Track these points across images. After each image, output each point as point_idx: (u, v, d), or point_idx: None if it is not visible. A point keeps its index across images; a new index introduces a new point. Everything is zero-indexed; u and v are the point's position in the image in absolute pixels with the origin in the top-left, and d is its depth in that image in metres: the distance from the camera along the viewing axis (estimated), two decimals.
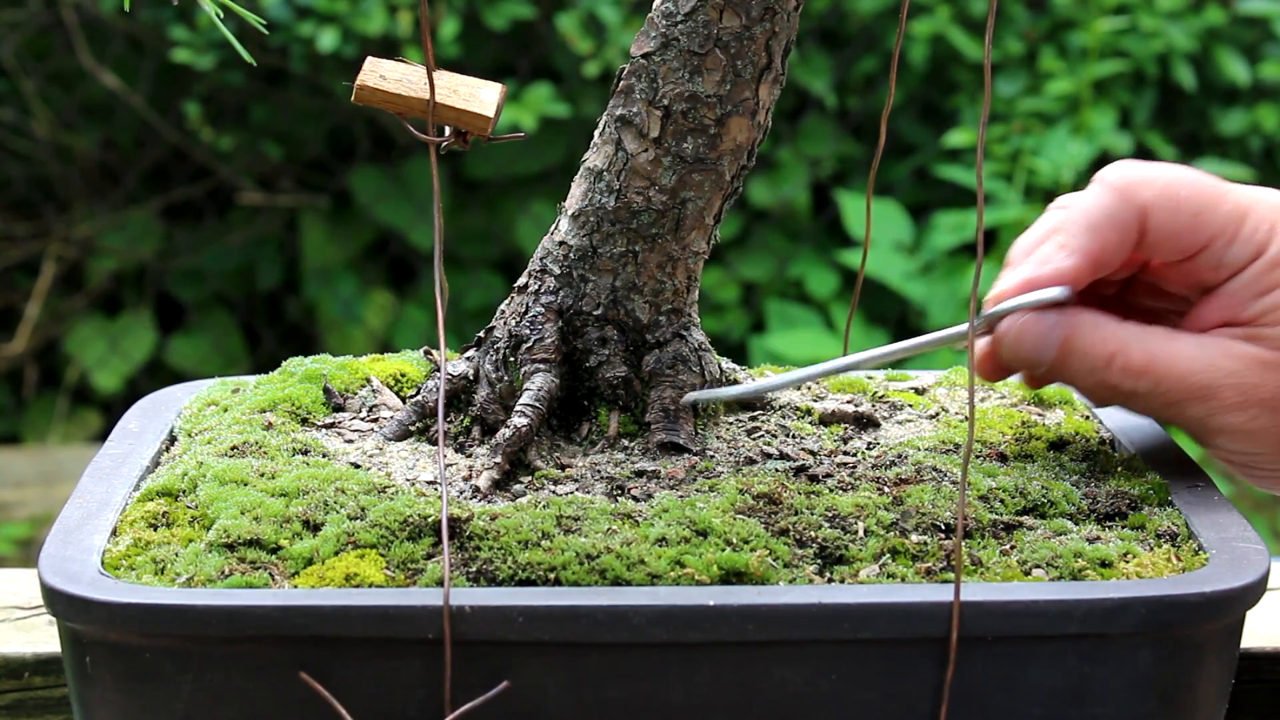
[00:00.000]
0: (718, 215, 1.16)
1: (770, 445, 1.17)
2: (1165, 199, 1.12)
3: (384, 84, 1.04)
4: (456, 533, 1.01)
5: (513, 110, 3.80)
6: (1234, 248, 1.12)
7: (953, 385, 1.29)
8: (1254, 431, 1.13)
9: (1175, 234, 1.13)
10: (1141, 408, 1.14)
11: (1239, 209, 1.13)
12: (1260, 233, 1.12)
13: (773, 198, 4.16)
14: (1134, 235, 1.13)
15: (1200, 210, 1.12)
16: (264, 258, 4.31)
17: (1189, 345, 1.12)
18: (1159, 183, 1.13)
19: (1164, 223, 1.12)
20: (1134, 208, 1.12)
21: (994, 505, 1.08)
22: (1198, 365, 1.11)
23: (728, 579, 0.99)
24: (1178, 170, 1.14)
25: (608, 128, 1.14)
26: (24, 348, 4.29)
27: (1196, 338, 1.13)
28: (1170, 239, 1.13)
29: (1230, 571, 1.00)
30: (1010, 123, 3.86)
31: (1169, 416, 1.14)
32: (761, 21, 1.10)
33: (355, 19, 3.80)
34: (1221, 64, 4.01)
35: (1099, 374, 1.12)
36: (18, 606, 1.27)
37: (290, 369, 1.24)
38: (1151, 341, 1.12)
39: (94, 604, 0.96)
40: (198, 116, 4.04)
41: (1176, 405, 1.12)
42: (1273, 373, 1.11)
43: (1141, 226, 1.13)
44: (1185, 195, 1.12)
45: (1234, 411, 1.12)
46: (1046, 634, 0.97)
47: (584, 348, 1.16)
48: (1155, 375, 1.11)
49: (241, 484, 1.07)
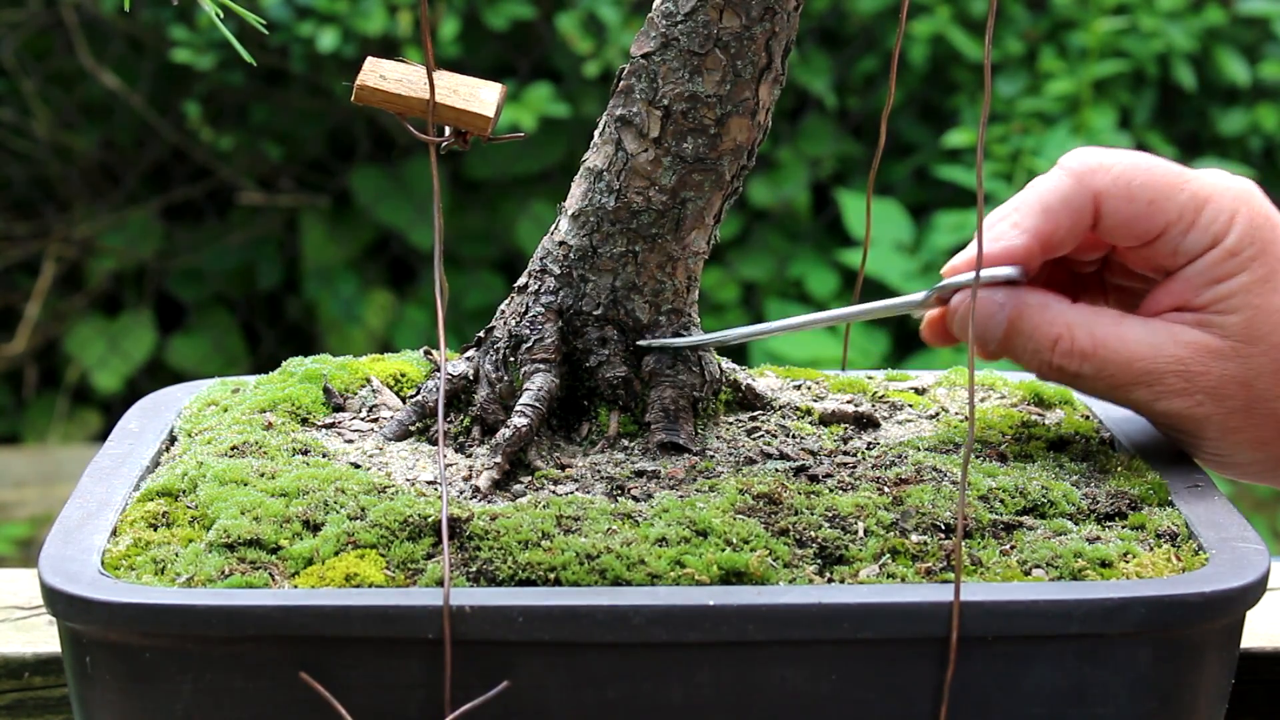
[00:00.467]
0: (718, 215, 1.16)
1: (770, 445, 1.17)
2: (1119, 185, 1.14)
3: (384, 84, 1.04)
4: (456, 533, 1.01)
5: (513, 110, 3.80)
6: (1191, 235, 1.13)
7: (953, 385, 1.29)
8: (1199, 418, 1.14)
9: (1129, 219, 1.14)
10: (1087, 389, 1.16)
11: (1197, 197, 1.13)
12: (1218, 222, 1.13)
13: (773, 198, 4.16)
14: (1087, 219, 1.15)
15: (1155, 198, 1.13)
16: (264, 258, 4.31)
17: (1136, 329, 1.13)
18: (1115, 169, 1.14)
19: (1117, 209, 1.14)
20: (1088, 192, 1.14)
21: (994, 505, 1.08)
22: (1142, 350, 1.13)
23: (728, 579, 0.99)
24: (1137, 157, 1.15)
25: (608, 128, 1.14)
26: (24, 348, 4.29)
27: (1146, 322, 1.14)
28: (1124, 224, 1.14)
29: (1230, 571, 1.00)
30: (1010, 123, 3.86)
31: (1114, 399, 1.16)
32: (761, 21, 1.10)
33: (355, 19, 3.80)
34: (1221, 64, 4.01)
35: (1043, 355, 1.14)
36: (18, 606, 1.27)
37: (290, 369, 1.24)
38: (1099, 325, 1.13)
39: (94, 604, 0.96)
40: (198, 116, 4.04)
41: (1121, 389, 1.14)
42: (1218, 361, 1.13)
43: (1095, 211, 1.14)
44: (1140, 182, 1.14)
45: (1177, 397, 1.13)
46: (1046, 634, 0.97)
47: (584, 348, 1.16)
48: (1099, 359, 1.13)
49: (241, 484, 1.07)
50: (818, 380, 1.29)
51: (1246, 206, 1.14)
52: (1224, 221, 1.13)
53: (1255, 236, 1.13)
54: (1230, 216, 1.13)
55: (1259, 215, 1.14)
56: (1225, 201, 1.14)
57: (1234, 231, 1.13)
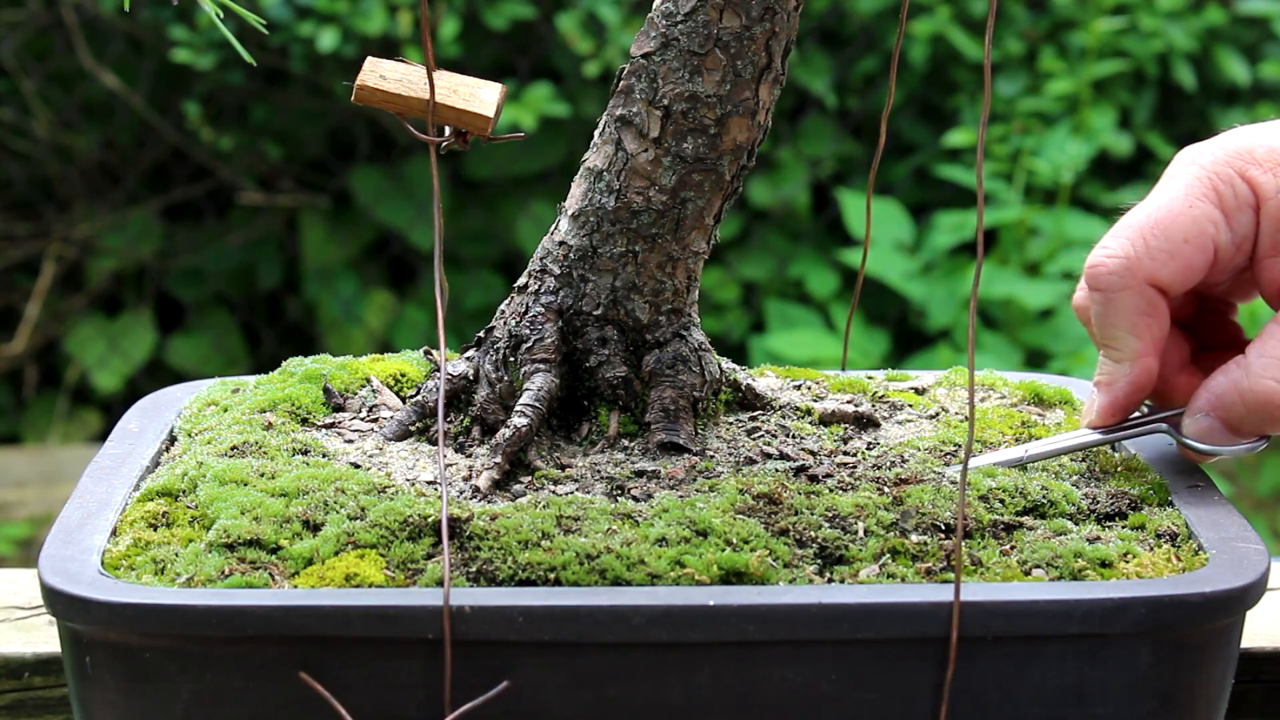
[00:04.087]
0: (718, 215, 1.16)
1: (770, 445, 1.17)
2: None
3: (384, 84, 1.04)
4: (456, 533, 1.01)
5: (513, 110, 3.80)
6: None
7: (953, 385, 1.29)
8: None
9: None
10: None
11: None
12: None
13: (773, 198, 4.16)
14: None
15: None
16: (264, 258, 4.30)
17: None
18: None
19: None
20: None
21: (994, 505, 1.08)
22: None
23: (728, 579, 0.99)
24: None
25: (608, 128, 1.14)
26: (24, 348, 4.29)
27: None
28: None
29: (1230, 571, 1.00)
30: (1010, 123, 3.86)
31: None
32: (761, 21, 1.10)
33: (355, 19, 3.80)
34: (1221, 64, 4.01)
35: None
36: (18, 606, 1.27)
37: (290, 369, 1.24)
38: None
39: (94, 604, 0.96)
40: (198, 116, 4.04)
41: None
42: None
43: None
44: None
45: None
46: (1046, 634, 0.97)
47: (584, 348, 1.16)
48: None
49: (241, 484, 1.07)
50: (818, 380, 1.29)
51: None
52: None
53: None
54: None
55: None
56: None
57: None
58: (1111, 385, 1.14)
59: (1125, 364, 1.14)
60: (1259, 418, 1.10)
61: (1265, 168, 1.11)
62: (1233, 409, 1.10)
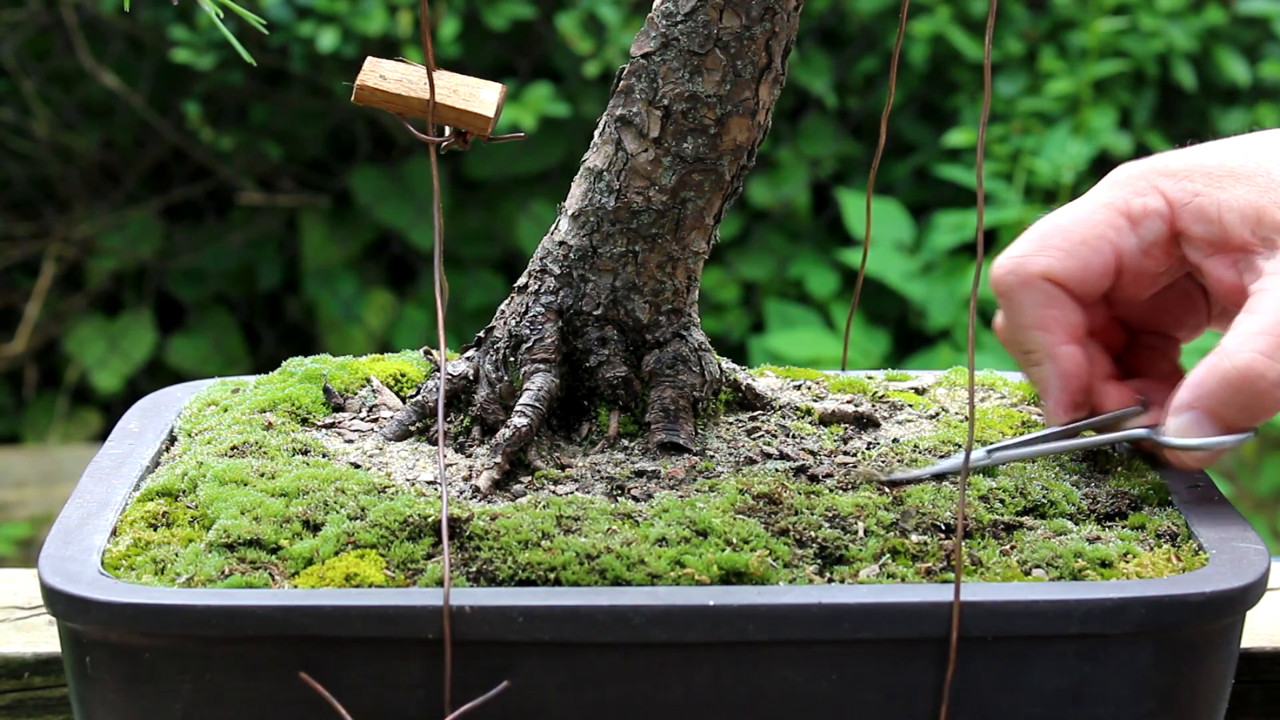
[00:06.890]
0: (718, 215, 1.16)
1: (770, 445, 1.17)
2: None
3: (384, 84, 1.04)
4: (456, 533, 1.01)
5: (513, 110, 3.80)
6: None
7: (953, 385, 1.29)
8: None
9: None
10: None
11: None
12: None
13: (773, 198, 4.16)
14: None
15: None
16: (264, 258, 4.30)
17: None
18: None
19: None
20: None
21: (994, 505, 1.08)
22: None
23: (728, 579, 0.99)
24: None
25: (608, 128, 1.14)
26: (24, 348, 4.29)
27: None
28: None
29: (1230, 571, 1.00)
30: (1010, 123, 3.86)
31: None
32: (761, 21, 1.10)
33: (355, 19, 3.80)
34: (1222, 64, 4.01)
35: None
36: (18, 606, 1.27)
37: (290, 369, 1.24)
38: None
39: (94, 604, 0.96)
40: (198, 116, 4.04)
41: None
42: None
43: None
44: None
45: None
46: (1046, 634, 0.97)
47: (584, 348, 1.16)
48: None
49: (241, 484, 1.07)
50: (818, 380, 1.29)
51: None
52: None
53: None
54: None
55: None
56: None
57: None
58: (1046, 387, 1.15)
59: (1045, 363, 1.14)
60: (1242, 398, 1.08)
61: (1179, 178, 1.13)
62: (1215, 393, 1.09)
